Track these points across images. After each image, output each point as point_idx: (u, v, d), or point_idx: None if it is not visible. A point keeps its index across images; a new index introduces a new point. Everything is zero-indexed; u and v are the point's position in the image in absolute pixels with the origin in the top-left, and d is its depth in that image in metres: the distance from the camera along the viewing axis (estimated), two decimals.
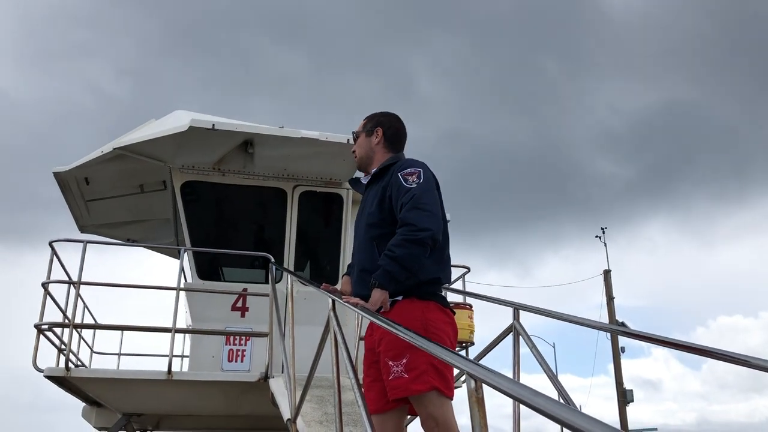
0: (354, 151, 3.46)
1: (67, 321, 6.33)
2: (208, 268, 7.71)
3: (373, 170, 3.31)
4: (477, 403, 1.47)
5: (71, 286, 6.54)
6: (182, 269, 6.69)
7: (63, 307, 6.53)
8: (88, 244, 6.41)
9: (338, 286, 3.60)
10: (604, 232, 27.50)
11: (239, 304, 7.33)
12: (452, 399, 2.94)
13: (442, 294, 3.18)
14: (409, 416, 3.25)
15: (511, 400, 3.89)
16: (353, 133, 3.48)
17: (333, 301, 3.32)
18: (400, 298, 3.02)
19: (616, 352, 24.96)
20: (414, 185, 3.02)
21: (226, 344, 7.20)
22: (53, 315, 6.38)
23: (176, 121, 7.25)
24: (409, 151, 3.45)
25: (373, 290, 2.92)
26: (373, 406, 3.02)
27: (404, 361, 2.85)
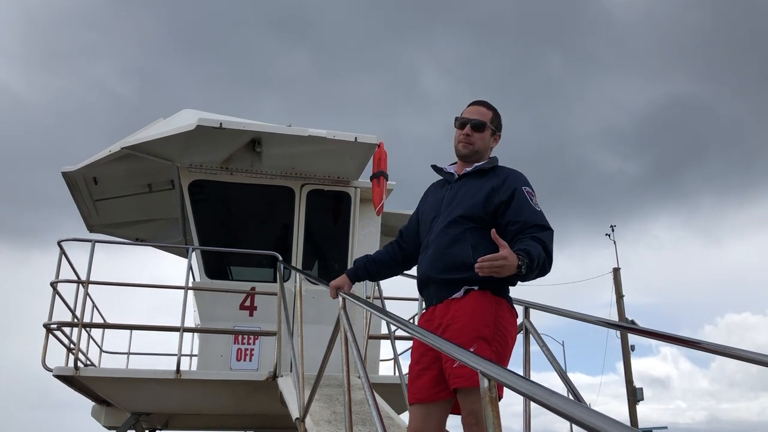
0: (470, 137, 3.21)
1: (76, 320, 6.35)
2: (216, 267, 7.71)
3: (477, 165, 3.22)
4: (490, 403, 1.43)
5: (80, 285, 6.55)
6: (190, 268, 6.70)
7: (72, 306, 6.54)
8: (96, 244, 6.43)
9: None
10: (613, 230, 27.32)
11: (247, 303, 7.33)
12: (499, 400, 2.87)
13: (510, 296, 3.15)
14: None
15: (520, 399, 3.87)
16: (478, 120, 3.23)
17: (343, 299, 3.30)
18: (475, 287, 2.98)
19: (626, 351, 24.82)
20: (540, 210, 3.07)
21: (234, 343, 7.20)
22: (62, 314, 6.41)
23: (183, 120, 7.26)
24: (416, 147, 3.37)
25: (518, 256, 2.78)
26: (421, 395, 2.97)
27: (472, 350, 2.80)
